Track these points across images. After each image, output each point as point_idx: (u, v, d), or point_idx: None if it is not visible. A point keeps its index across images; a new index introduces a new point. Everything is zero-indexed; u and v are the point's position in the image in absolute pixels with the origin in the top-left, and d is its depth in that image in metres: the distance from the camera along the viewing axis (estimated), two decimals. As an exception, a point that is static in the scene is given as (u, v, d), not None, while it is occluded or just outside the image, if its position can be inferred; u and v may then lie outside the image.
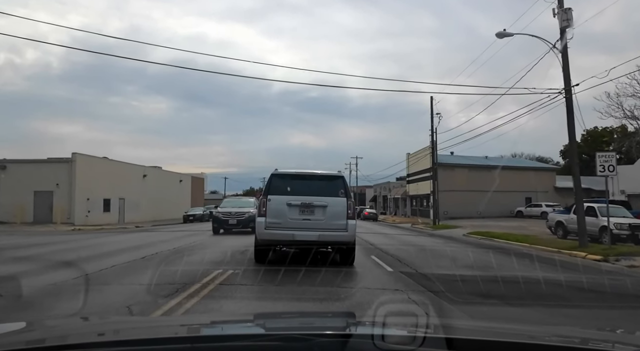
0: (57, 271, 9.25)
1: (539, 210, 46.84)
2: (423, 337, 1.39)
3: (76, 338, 1.78)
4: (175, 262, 10.76)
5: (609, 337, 2.06)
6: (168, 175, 55.63)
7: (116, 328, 2.16)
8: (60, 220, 33.04)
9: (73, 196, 34.73)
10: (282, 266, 8.97)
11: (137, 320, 3.42)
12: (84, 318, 3.77)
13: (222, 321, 2.61)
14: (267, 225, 10.19)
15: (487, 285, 8.11)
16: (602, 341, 1.87)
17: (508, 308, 6.50)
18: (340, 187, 10.56)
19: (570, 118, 16.14)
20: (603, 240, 17.65)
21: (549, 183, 53.27)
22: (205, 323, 2.47)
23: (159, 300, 6.41)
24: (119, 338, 1.81)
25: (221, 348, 1.50)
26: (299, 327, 2.00)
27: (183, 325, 2.35)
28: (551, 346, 1.63)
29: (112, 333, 2.01)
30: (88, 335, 1.93)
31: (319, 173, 11.08)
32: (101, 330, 2.10)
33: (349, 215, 10.24)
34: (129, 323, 2.54)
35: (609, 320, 5.92)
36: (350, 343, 1.43)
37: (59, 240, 18.83)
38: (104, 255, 12.39)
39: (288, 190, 10.40)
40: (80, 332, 2.03)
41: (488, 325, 2.78)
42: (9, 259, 11.75)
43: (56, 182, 34.43)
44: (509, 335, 1.91)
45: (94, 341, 1.72)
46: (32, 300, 6.34)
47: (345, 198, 10.38)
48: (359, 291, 7.37)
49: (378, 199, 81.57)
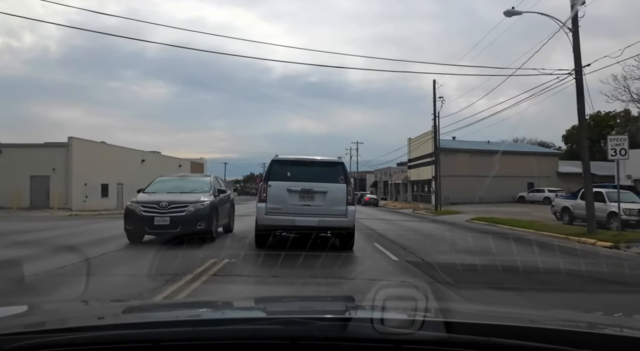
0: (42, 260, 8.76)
1: (542, 195, 46.43)
2: (422, 321, 1.39)
3: (76, 321, 1.78)
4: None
5: (614, 321, 2.05)
6: (167, 160, 55.08)
7: (116, 312, 2.15)
8: (57, 205, 32.58)
9: (70, 181, 34.20)
10: (282, 250, 8.86)
11: (137, 304, 3.42)
12: (84, 302, 3.78)
13: (223, 305, 2.60)
14: (267, 211, 10.26)
15: (500, 275, 7.63)
16: (607, 326, 1.85)
17: (530, 299, 6.03)
18: (340, 174, 10.68)
19: (580, 100, 15.56)
20: (611, 226, 17.17)
21: (551, 168, 52.74)
22: (205, 307, 2.46)
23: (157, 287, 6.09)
24: (119, 321, 1.81)
25: (222, 331, 1.50)
26: (299, 311, 2.02)
27: (184, 308, 2.39)
28: (551, 329, 1.62)
29: (112, 316, 2.00)
30: (88, 319, 1.92)
31: (319, 159, 11.10)
32: (101, 313, 2.09)
33: (348, 201, 10.38)
34: (130, 307, 2.52)
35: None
36: (350, 326, 1.43)
37: (50, 226, 18.35)
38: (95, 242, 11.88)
39: (288, 176, 10.45)
40: (80, 316, 2.02)
41: (487, 308, 2.82)
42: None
43: (52, 166, 33.87)
44: (508, 318, 1.92)
45: (94, 324, 1.71)
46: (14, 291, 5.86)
47: (345, 185, 10.52)
48: (363, 283, 6.89)
49: (379, 184, 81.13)
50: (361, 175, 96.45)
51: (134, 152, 45.76)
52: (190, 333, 1.46)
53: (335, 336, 1.38)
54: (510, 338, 1.36)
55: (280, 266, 7.90)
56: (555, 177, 51.96)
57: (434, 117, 34.87)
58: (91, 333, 1.49)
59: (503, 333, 1.42)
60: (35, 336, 1.40)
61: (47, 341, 1.36)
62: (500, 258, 9.37)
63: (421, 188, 55.35)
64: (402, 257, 9.61)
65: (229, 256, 8.96)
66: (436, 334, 1.35)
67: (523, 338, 1.37)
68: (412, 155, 55.68)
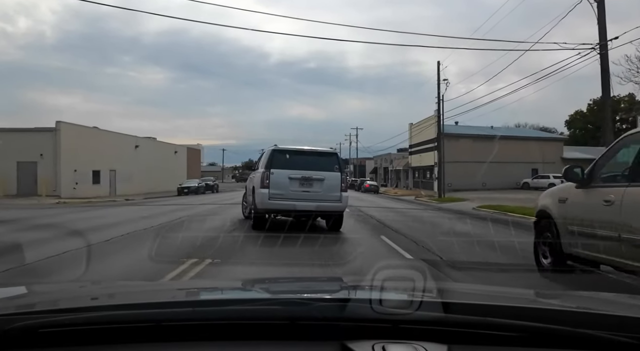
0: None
1: (546, 181, 45.24)
2: (420, 301, 1.38)
3: (77, 302, 1.75)
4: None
5: (613, 299, 2.08)
6: (162, 146, 53.76)
7: (118, 293, 2.12)
8: (45, 193, 31.29)
9: (58, 167, 32.84)
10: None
11: (138, 285, 3.12)
12: (84, 283, 3.70)
13: (223, 285, 2.57)
14: (270, 196, 11.15)
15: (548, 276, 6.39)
16: (609, 304, 1.88)
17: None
18: (334, 163, 11.86)
19: (605, 77, 14.25)
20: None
21: (555, 154, 51.47)
22: (204, 287, 2.46)
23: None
24: (121, 301, 1.76)
25: (222, 311, 1.48)
26: (298, 291, 2.06)
27: (182, 289, 2.41)
28: (548, 309, 1.66)
29: (113, 297, 1.94)
30: (88, 299, 1.85)
31: (315, 149, 12.34)
32: (103, 294, 2.05)
33: (342, 187, 11.67)
34: (127, 288, 2.48)
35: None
36: (349, 306, 1.41)
37: (30, 215, 17.07)
38: (70, 234, 10.61)
39: (288, 164, 11.42)
40: (80, 296, 1.98)
41: (485, 288, 2.85)
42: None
43: (40, 152, 32.49)
44: (506, 298, 1.94)
45: (95, 305, 1.68)
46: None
47: (340, 173, 11.75)
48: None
49: (379, 171, 80.00)
50: (360, 162, 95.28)
51: (127, 137, 44.43)
52: (190, 313, 1.46)
53: (334, 316, 1.38)
54: (508, 318, 1.35)
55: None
56: (560, 163, 50.68)
57: (438, 101, 33.48)
58: (92, 313, 1.42)
59: (500, 312, 1.43)
60: (36, 316, 1.37)
61: (49, 321, 1.33)
62: (527, 254, 8.09)
63: (423, 174, 54.14)
64: (416, 254, 8.35)
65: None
66: (434, 314, 1.35)
67: (520, 317, 1.36)
68: (413, 140, 54.35)
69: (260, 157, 13.62)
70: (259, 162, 13.28)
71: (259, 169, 12.18)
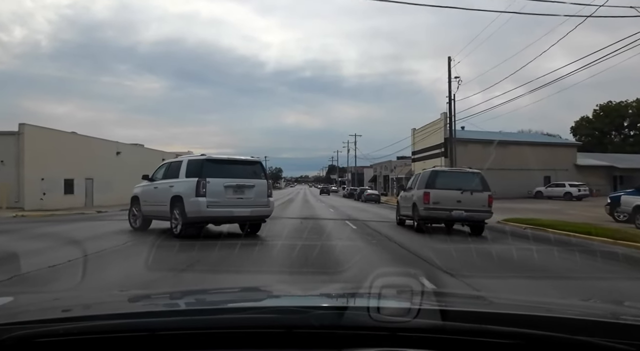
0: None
1: (562, 190, 41.90)
2: (418, 309, 1.37)
3: (72, 311, 1.72)
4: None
5: (611, 308, 2.06)
6: (148, 152, 50.08)
7: (112, 302, 2.08)
8: (6, 204, 27.58)
9: (22, 175, 29.11)
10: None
11: (133, 293, 2.79)
12: (79, 292, 3.52)
13: (219, 294, 2.46)
14: (208, 204, 11.57)
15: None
16: (603, 313, 1.84)
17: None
18: (260, 171, 13.16)
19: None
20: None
21: (569, 160, 48.10)
22: (201, 296, 2.36)
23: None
24: (115, 311, 1.70)
25: (218, 320, 1.47)
26: (295, 299, 2.02)
27: (177, 298, 2.31)
28: (546, 316, 1.61)
29: (108, 306, 1.90)
30: (83, 308, 1.81)
31: (241, 158, 13.29)
32: (97, 303, 1.99)
33: (269, 193, 12.89)
34: (121, 297, 2.43)
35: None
36: (346, 314, 1.39)
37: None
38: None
39: (220, 173, 12.09)
40: (75, 305, 1.90)
41: (484, 296, 2.85)
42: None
43: (1, 158, 28.78)
44: (504, 306, 1.94)
45: (90, 314, 1.64)
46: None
47: (265, 180, 13.06)
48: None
49: (378, 179, 76.47)
50: (358, 170, 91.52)
51: (107, 143, 40.80)
52: (186, 322, 1.45)
53: (331, 324, 1.37)
54: (506, 325, 1.35)
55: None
56: (574, 170, 47.36)
57: (449, 101, 30.03)
58: (88, 322, 1.43)
59: (498, 320, 1.42)
60: (31, 326, 1.37)
61: (44, 331, 1.33)
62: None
63: (427, 183, 50.69)
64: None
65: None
66: (432, 322, 1.34)
67: (519, 325, 1.35)
68: (416, 147, 50.89)
69: (169, 166, 13.56)
70: (172, 171, 13.00)
71: (182, 178, 12.33)
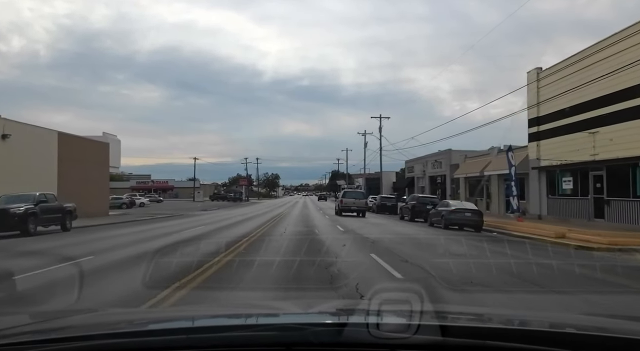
0: None
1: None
2: (417, 325, 1.36)
3: (70, 331, 1.71)
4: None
5: (607, 323, 2.06)
6: (47, 135, 32.12)
7: (109, 321, 2.08)
8: None
9: None
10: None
11: (130, 312, 3.07)
12: (78, 311, 3.26)
13: (216, 311, 2.52)
14: None
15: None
16: (600, 328, 1.80)
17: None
18: None
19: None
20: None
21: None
22: (199, 313, 2.35)
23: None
24: (112, 330, 1.70)
25: (216, 338, 1.45)
26: (294, 316, 2.01)
27: (176, 316, 2.32)
28: (545, 331, 1.64)
29: (105, 325, 1.90)
30: (81, 328, 1.80)
31: None
32: (94, 322, 2.00)
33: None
34: (122, 315, 2.46)
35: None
36: (345, 331, 1.39)
37: None
38: None
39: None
40: (73, 325, 1.91)
41: (483, 311, 2.89)
42: None
43: None
44: (503, 321, 1.93)
45: (87, 334, 1.60)
46: None
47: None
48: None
49: (417, 183, 52.58)
50: (371, 176, 68.70)
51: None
52: (183, 341, 1.41)
53: (330, 341, 1.34)
54: (507, 341, 1.32)
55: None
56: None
57: None
58: (85, 342, 1.41)
59: (498, 335, 1.41)
60: (28, 346, 1.35)
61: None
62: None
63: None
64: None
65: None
66: (431, 338, 1.32)
67: (519, 340, 1.32)
68: (541, 110, 26.45)
69: None
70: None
71: None
